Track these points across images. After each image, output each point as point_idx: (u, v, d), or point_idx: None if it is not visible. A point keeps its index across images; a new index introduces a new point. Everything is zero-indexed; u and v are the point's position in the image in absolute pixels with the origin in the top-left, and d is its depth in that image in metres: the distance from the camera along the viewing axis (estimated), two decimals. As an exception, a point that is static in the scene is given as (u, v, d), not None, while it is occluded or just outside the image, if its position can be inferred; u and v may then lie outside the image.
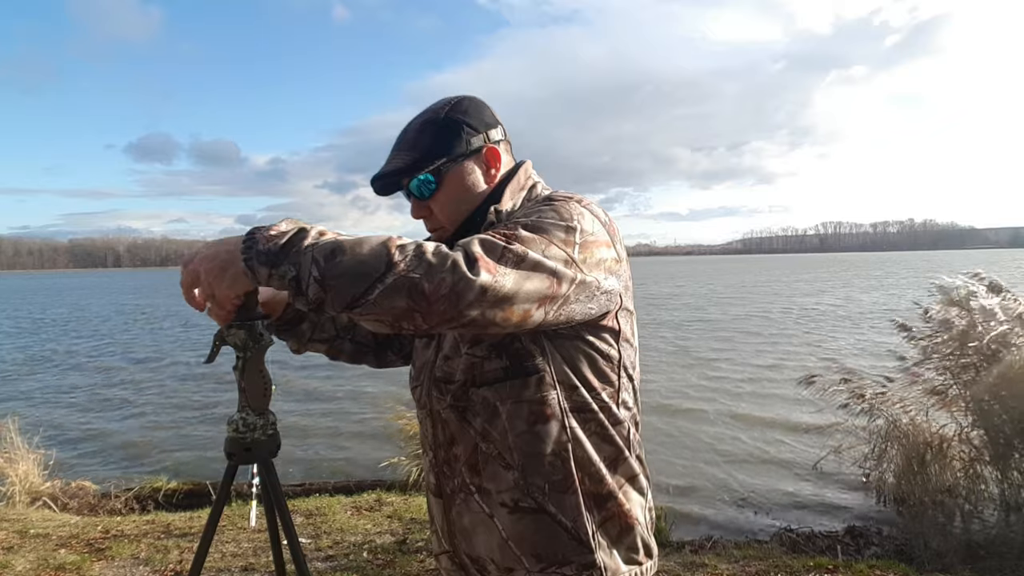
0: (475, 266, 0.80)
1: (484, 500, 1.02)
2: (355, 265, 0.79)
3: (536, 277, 0.85)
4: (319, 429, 7.90)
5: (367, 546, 3.51)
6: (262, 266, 0.84)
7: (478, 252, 0.82)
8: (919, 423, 4.55)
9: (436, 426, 1.07)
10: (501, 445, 0.99)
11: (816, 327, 17.40)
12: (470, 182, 1.06)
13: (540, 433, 0.98)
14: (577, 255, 0.90)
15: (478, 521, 1.03)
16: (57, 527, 3.90)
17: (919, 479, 4.43)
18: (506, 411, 0.99)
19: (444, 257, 0.80)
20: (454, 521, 1.06)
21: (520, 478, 0.98)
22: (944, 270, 6.07)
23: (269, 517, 1.21)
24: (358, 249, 0.80)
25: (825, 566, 3.38)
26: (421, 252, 0.81)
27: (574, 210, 0.94)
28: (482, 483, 1.01)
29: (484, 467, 1.01)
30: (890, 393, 4.72)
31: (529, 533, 0.99)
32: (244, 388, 1.12)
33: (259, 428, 1.13)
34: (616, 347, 1.03)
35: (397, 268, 0.79)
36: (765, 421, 7.75)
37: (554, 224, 0.90)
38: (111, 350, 17.02)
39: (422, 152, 1.04)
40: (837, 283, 40.18)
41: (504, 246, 0.84)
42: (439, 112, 1.06)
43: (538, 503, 0.98)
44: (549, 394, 0.98)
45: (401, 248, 0.81)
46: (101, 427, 8.61)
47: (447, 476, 1.07)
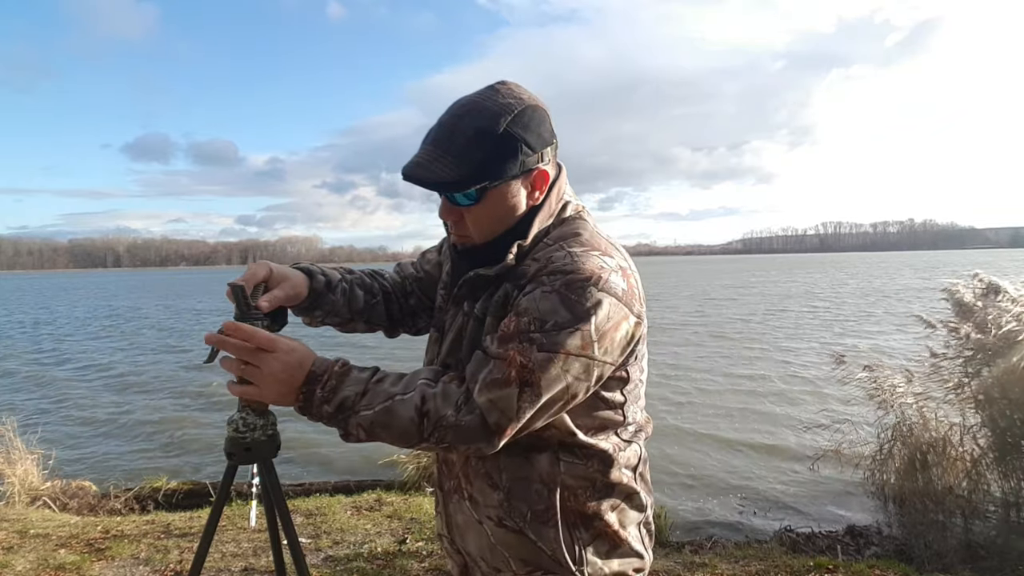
0: (496, 435, 0.89)
1: (473, 508, 1.05)
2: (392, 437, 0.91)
3: (553, 405, 0.91)
4: (319, 429, 7.89)
5: (367, 546, 3.50)
6: (315, 420, 0.94)
7: (495, 419, 0.88)
8: (928, 421, 4.54)
9: None
10: (490, 465, 1.01)
11: (817, 326, 17.41)
12: (512, 203, 1.00)
13: (531, 460, 1.00)
14: (597, 352, 0.91)
15: (470, 523, 1.06)
16: (57, 527, 3.89)
17: (920, 479, 4.43)
18: None
19: (465, 432, 0.89)
20: (451, 515, 1.10)
21: (504, 500, 1.00)
22: (941, 270, 6.06)
23: (269, 517, 1.20)
24: (390, 424, 0.90)
25: (825, 566, 3.38)
26: (445, 426, 0.89)
27: (589, 301, 0.89)
28: (472, 492, 1.04)
29: (474, 479, 1.03)
30: (911, 385, 4.69)
31: (514, 544, 1.01)
32: (244, 388, 1.12)
33: (259, 428, 1.13)
34: (622, 393, 1.02)
35: (427, 441, 0.90)
36: (765, 421, 7.75)
37: (569, 331, 0.88)
38: (112, 349, 17.03)
39: (471, 168, 0.93)
40: (833, 282, 40.23)
41: (519, 391, 0.88)
42: (497, 122, 0.94)
43: (519, 527, 1.00)
44: (545, 432, 0.97)
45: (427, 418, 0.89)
46: (101, 427, 8.61)
47: (445, 475, 1.11)
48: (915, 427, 4.58)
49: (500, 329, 0.92)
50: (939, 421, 4.53)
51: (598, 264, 0.92)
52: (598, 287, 0.90)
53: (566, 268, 0.92)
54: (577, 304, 0.89)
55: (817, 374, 9.91)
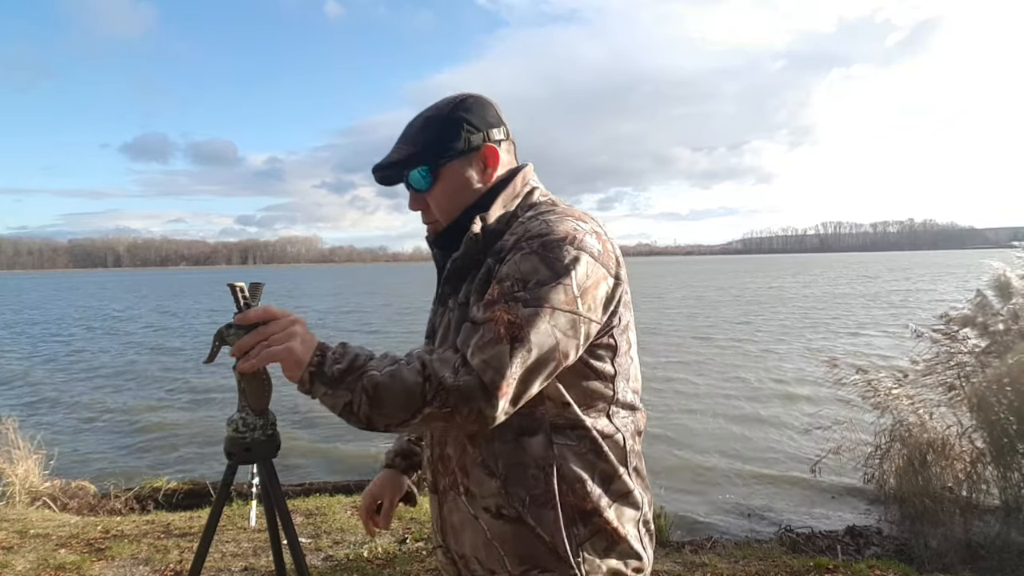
0: (493, 396, 0.88)
1: (470, 502, 1.04)
2: (395, 402, 0.90)
3: (548, 364, 0.91)
4: (319, 429, 7.90)
5: (367, 546, 3.51)
6: (323, 385, 0.92)
7: (490, 378, 0.88)
8: (925, 422, 4.54)
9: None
10: (486, 452, 1.01)
11: (819, 328, 17.41)
12: (465, 179, 1.08)
13: (525, 445, 1.00)
14: (581, 308, 0.94)
15: (465, 520, 1.05)
16: (57, 527, 3.90)
17: (920, 479, 4.43)
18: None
19: (465, 393, 0.88)
20: (445, 518, 1.09)
21: (502, 487, 1.00)
22: (937, 270, 6.05)
23: (269, 517, 1.21)
24: (394, 388, 0.90)
25: (825, 566, 3.38)
26: (445, 389, 0.88)
27: (567, 257, 0.93)
28: (469, 485, 1.04)
29: (471, 470, 1.03)
30: (903, 388, 4.70)
31: (511, 538, 1.00)
32: (244, 388, 1.12)
33: (259, 428, 1.13)
34: (612, 364, 1.03)
35: (429, 405, 0.89)
36: (765, 420, 7.75)
37: (552, 286, 0.92)
38: (111, 348, 17.02)
39: (421, 146, 1.07)
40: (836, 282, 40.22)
41: (511, 347, 0.88)
42: (443, 109, 1.09)
43: (518, 513, 0.99)
44: (537, 409, 0.99)
45: (429, 382, 0.89)
46: (101, 427, 8.61)
47: (441, 473, 1.09)
48: (913, 428, 4.58)
49: (484, 298, 0.95)
50: (937, 421, 4.54)
51: (572, 226, 0.98)
52: (574, 246, 0.95)
53: (542, 231, 0.97)
54: (556, 261, 0.93)
55: (814, 376, 9.91)
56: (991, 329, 4.27)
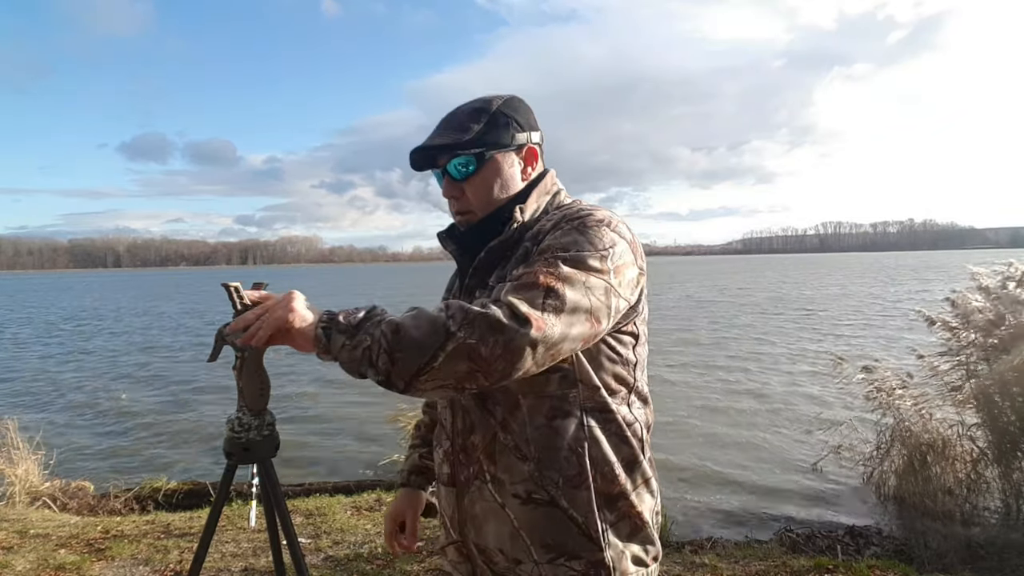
0: (525, 324, 0.85)
1: (497, 489, 1.03)
2: (418, 338, 0.85)
3: (579, 321, 0.90)
4: (319, 429, 7.90)
5: (367, 546, 3.50)
6: (340, 334, 0.88)
7: (525, 309, 0.86)
8: (926, 421, 4.54)
9: (457, 415, 1.09)
10: (519, 437, 1.02)
11: (818, 325, 17.41)
12: (508, 174, 1.12)
13: (558, 428, 1.01)
14: (614, 280, 0.95)
15: (489, 510, 1.04)
16: (57, 527, 3.89)
17: (920, 479, 4.43)
18: (527, 404, 1.02)
19: (493, 320, 0.84)
20: (465, 509, 1.08)
21: (535, 470, 1.01)
22: (934, 270, 6.05)
23: (269, 517, 1.21)
24: (417, 323, 0.86)
25: (825, 566, 3.38)
26: (471, 318, 0.84)
27: (606, 237, 0.98)
28: (497, 472, 1.03)
29: (500, 457, 1.03)
30: (908, 389, 4.69)
31: (540, 524, 1.01)
32: (242, 388, 1.12)
33: (255, 428, 1.13)
34: (634, 351, 1.07)
35: (455, 337, 0.84)
36: (765, 420, 7.75)
37: (591, 254, 0.95)
38: (112, 347, 17.03)
39: (471, 135, 1.08)
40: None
41: (546, 293, 0.88)
42: (491, 103, 1.12)
43: (551, 496, 1.00)
44: (570, 392, 1.01)
45: (452, 318, 0.85)
46: (101, 426, 8.61)
47: (463, 464, 1.08)
48: (914, 428, 4.58)
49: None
50: (938, 421, 4.54)
51: (608, 213, 1.04)
52: (611, 228, 1.00)
53: (581, 214, 1.02)
54: (596, 237, 0.97)
55: (816, 375, 9.91)
56: (988, 325, 4.27)
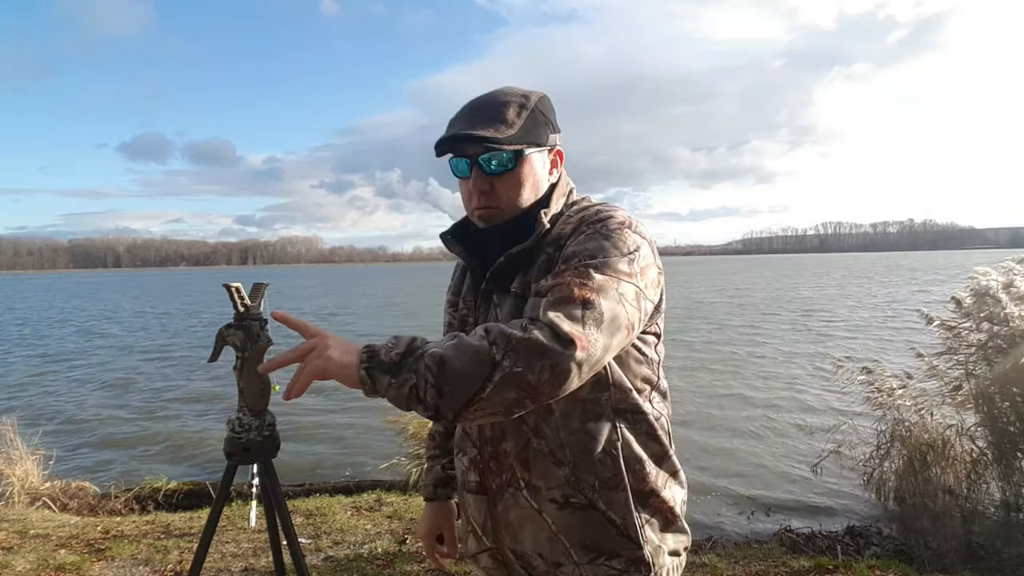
0: (570, 345, 0.84)
1: (533, 496, 1.03)
2: (463, 370, 0.83)
3: (618, 331, 0.90)
4: (319, 429, 7.90)
5: (367, 546, 3.50)
6: (384, 375, 0.85)
7: (567, 328, 0.85)
8: (926, 422, 4.54)
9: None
10: (553, 442, 1.01)
11: (824, 328, 17.41)
12: (539, 175, 1.09)
13: (592, 431, 1.01)
14: (641, 283, 0.96)
15: (525, 516, 1.04)
16: (57, 527, 3.89)
17: (920, 479, 4.42)
18: (560, 409, 1.01)
19: (538, 345, 0.83)
20: (499, 516, 1.07)
21: (571, 475, 1.01)
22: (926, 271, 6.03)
23: (269, 517, 1.21)
24: (461, 354, 0.84)
25: (825, 566, 3.38)
26: (515, 344, 0.83)
27: (630, 240, 0.98)
28: (531, 479, 1.03)
29: (534, 463, 1.02)
30: (907, 390, 4.69)
31: (578, 527, 1.01)
32: (242, 388, 1.12)
33: (255, 429, 1.13)
34: (655, 349, 1.09)
35: (501, 366, 0.83)
36: (765, 420, 7.75)
37: (619, 259, 0.95)
38: (112, 346, 17.02)
39: (513, 130, 1.04)
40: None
41: (583, 306, 0.87)
42: (530, 98, 1.07)
43: (588, 499, 1.00)
44: (603, 395, 1.02)
45: (496, 345, 0.84)
46: (101, 427, 8.60)
47: (494, 472, 1.07)
48: (914, 428, 4.58)
49: (557, 272, 0.95)
50: (938, 422, 4.53)
51: (627, 214, 1.04)
52: (632, 229, 1.00)
53: (602, 215, 1.02)
54: (620, 241, 0.97)
55: (816, 376, 9.91)
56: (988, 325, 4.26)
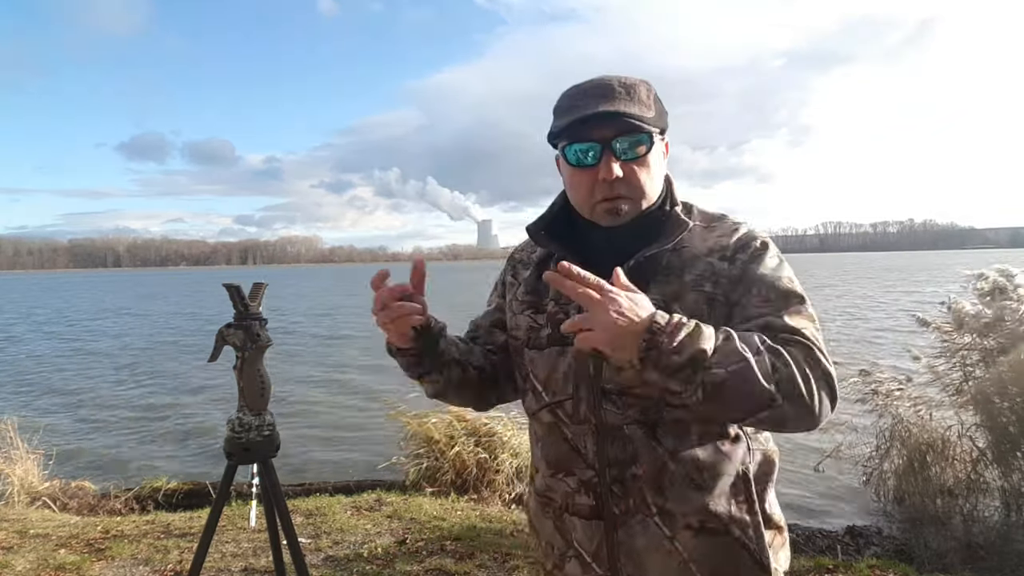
0: (835, 404, 0.87)
1: (666, 522, 0.97)
2: (737, 402, 0.83)
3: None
4: (319, 429, 7.90)
5: (367, 546, 3.50)
6: (654, 370, 0.82)
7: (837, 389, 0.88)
8: (925, 422, 4.54)
9: (609, 443, 0.99)
10: (691, 465, 0.96)
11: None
12: (663, 163, 1.04)
13: (728, 453, 0.98)
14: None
15: (654, 544, 0.97)
16: (57, 527, 3.89)
17: (920, 479, 4.42)
18: (698, 431, 0.97)
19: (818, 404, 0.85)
20: (622, 543, 0.98)
21: (710, 499, 0.96)
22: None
23: (269, 517, 1.21)
24: (744, 389, 0.82)
25: (825, 566, 3.38)
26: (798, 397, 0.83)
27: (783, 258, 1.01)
28: (665, 504, 0.97)
29: (671, 488, 0.96)
30: (906, 391, 4.69)
31: (712, 554, 0.96)
32: (242, 388, 1.12)
33: (255, 428, 1.13)
34: None
35: (774, 407, 0.83)
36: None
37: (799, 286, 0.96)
38: (112, 346, 17.01)
39: (652, 112, 0.98)
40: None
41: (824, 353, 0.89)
42: (650, 87, 1.01)
43: (724, 524, 0.96)
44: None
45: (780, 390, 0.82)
46: (101, 427, 8.60)
47: (618, 496, 0.98)
48: (913, 428, 4.58)
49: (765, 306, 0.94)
50: (937, 422, 4.53)
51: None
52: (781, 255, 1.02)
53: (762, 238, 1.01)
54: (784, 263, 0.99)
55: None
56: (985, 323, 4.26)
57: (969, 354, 4.33)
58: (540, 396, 1.06)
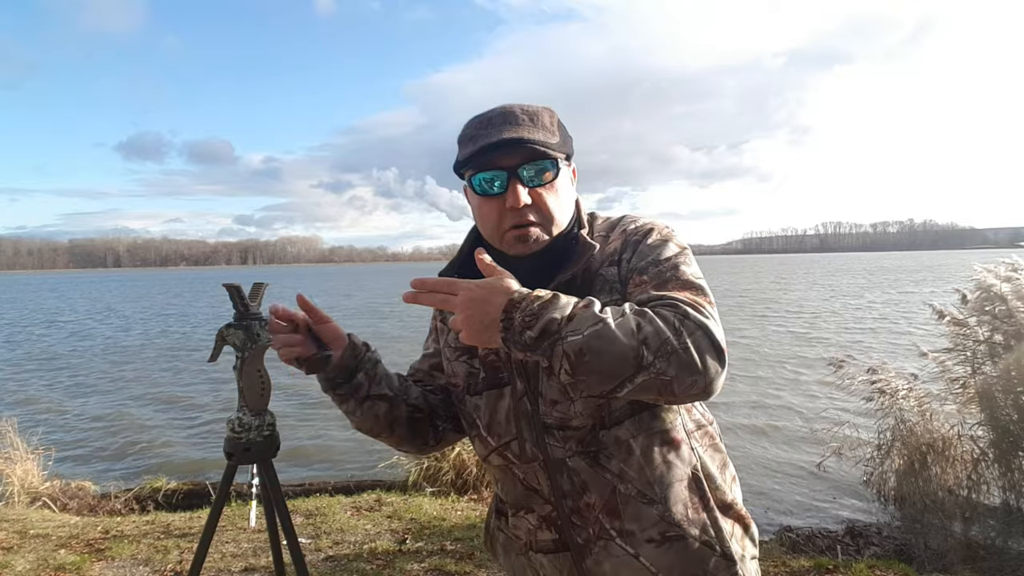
0: (723, 362, 0.82)
1: (627, 542, 0.97)
2: (603, 367, 0.79)
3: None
4: (319, 429, 7.90)
5: (367, 546, 3.51)
6: (516, 349, 0.83)
7: (721, 339, 0.83)
8: (927, 421, 4.53)
9: (559, 476, 0.99)
10: (640, 482, 0.96)
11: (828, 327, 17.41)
12: (569, 190, 1.04)
13: (674, 460, 0.98)
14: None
15: (621, 564, 0.97)
16: (57, 527, 3.90)
17: (920, 479, 4.43)
18: (640, 446, 0.97)
19: (698, 360, 0.80)
20: (590, 570, 0.99)
21: (665, 510, 0.97)
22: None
23: (269, 517, 1.21)
24: (606, 349, 0.79)
25: (825, 566, 3.38)
26: (670, 351, 0.79)
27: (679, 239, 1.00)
28: (623, 525, 0.97)
29: (624, 508, 0.97)
30: (913, 391, 4.68)
31: (679, 560, 0.96)
32: (242, 388, 1.12)
33: (255, 428, 1.13)
34: None
35: (648, 370, 0.79)
36: (764, 421, 7.75)
37: (687, 256, 0.96)
38: (113, 347, 17.02)
39: (556, 138, 0.99)
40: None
41: (711, 309, 0.87)
42: (553, 113, 1.03)
43: (683, 529, 0.96)
44: (676, 420, 1.00)
45: (647, 345, 0.79)
46: (101, 427, 8.60)
47: (578, 527, 0.99)
48: (915, 427, 4.58)
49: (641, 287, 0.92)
50: (939, 422, 4.53)
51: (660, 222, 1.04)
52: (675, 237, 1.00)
53: (647, 227, 1.01)
54: (676, 244, 0.98)
55: (816, 376, 9.91)
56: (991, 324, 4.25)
57: (978, 347, 4.30)
58: (487, 441, 1.06)
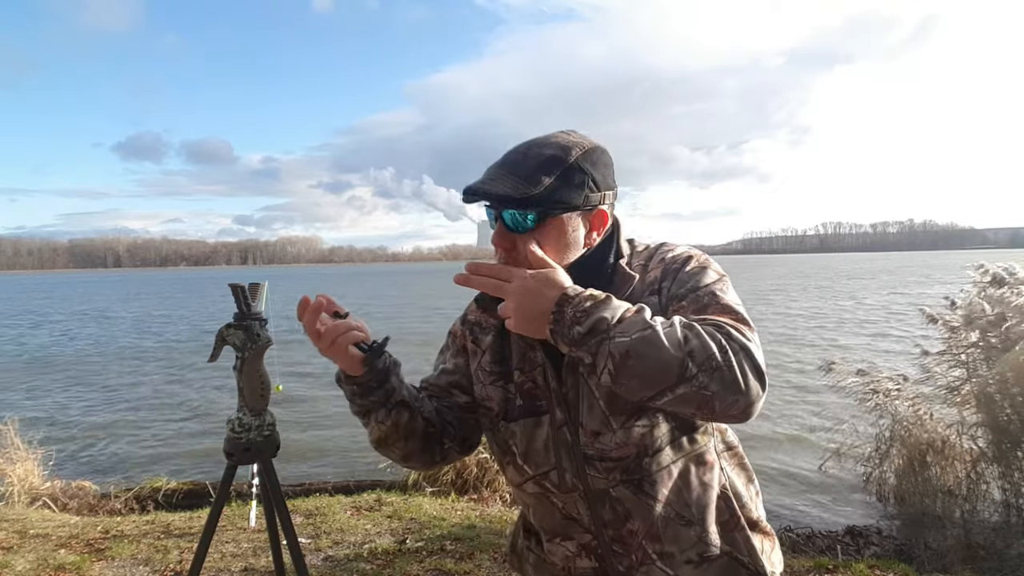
0: (764, 383, 0.82)
1: (668, 564, 0.99)
2: (647, 372, 0.80)
3: None
4: (318, 428, 7.90)
5: (367, 546, 3.50)
6: (563, 343, 0.84)
7: (762, 363, 0.82)
8: (924, 422, 4.54)
9: (601, 506, 1.00)
10: (678, 504, 0.98)
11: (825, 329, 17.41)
12: (570, 239, 0.98)
13: (708, 481, 1.00)
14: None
15: None
16: (57, 527, 3.89)
17: (920, 479, 4.43)
18: (678, 470, 0.98)
19: (739, 375, 0.80)
20: None
21: (702, 531, 0.99)
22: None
23: (269, 517, 1.21)
24: (652, 355, 0.79)
25: (825, 566, 3.38)
26: (715, 366, 0.79)
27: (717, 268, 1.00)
28: (664, 548, 0.98)
29: (664, 531, 0.98)
30: (904, 391, 4.69)
31: None
32: (242, 388, 1.12)
33: (255, 429, 1.13)
34: None
35: (691, 383, 0.79)
36: (764, 422, 7.75)
37: (729, 288, 0.95)
38: (113, 347, 17.02)
39: (538, 189, 0.93)
40: (837, 283, 40.12)
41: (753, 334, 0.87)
42: (568, 152, 0.97)
43: (719, 549, 0.99)
44: (710, 441, 1.01)
45: (692, 357, 0.79)
46: (101, 427, 8.60)
47: (620, 555, 1.00)
48: (913, 428, 4.58)
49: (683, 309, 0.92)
50: (936, 421, 4.53)
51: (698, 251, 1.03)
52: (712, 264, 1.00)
53: (685, 254, 1.01)
54: (714, 269, 0.98)
55: (816, 377, 9.91)
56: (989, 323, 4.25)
57: (972, 351, 4.32)
58: (523, 469, 1.05)
